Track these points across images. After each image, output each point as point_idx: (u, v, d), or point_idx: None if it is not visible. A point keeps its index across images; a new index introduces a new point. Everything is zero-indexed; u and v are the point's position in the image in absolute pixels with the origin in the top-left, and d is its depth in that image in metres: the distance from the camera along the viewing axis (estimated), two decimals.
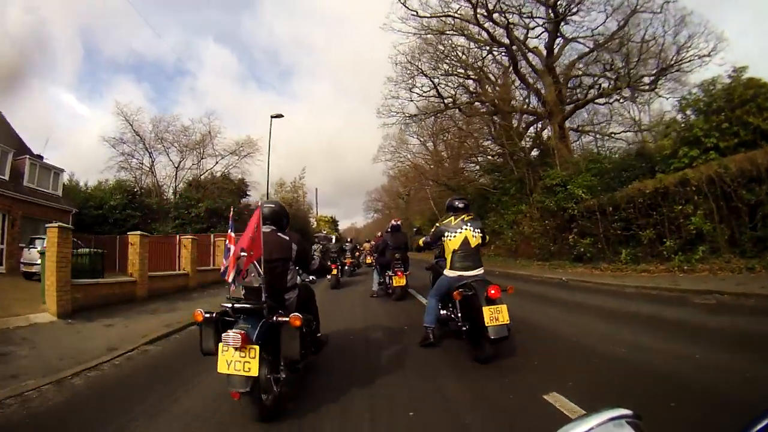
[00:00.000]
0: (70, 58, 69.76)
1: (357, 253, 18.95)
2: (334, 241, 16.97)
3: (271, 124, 22.07)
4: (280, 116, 22.38)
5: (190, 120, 32.47)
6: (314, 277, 4.43)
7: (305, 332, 3.44)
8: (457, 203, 5.05)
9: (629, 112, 23.95)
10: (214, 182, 26.69)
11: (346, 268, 15.70)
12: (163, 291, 11.49)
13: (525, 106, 23.99)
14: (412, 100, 24.46)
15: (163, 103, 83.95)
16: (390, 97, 24.69)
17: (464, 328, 4.58)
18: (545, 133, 24.21)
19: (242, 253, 3.06)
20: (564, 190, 16.79)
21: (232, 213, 3.97)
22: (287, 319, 3.15)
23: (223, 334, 2.90)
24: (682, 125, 14.54)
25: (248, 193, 29.48)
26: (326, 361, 4.67)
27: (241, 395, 2.89)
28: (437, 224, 5.12)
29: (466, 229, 4.75)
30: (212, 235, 19.32)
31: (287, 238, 3.66)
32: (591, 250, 15.12)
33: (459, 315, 4.72)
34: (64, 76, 65.26)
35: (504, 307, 4.14)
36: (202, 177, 28.57)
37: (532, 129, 25.57)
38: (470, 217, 4.92)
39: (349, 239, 20.75)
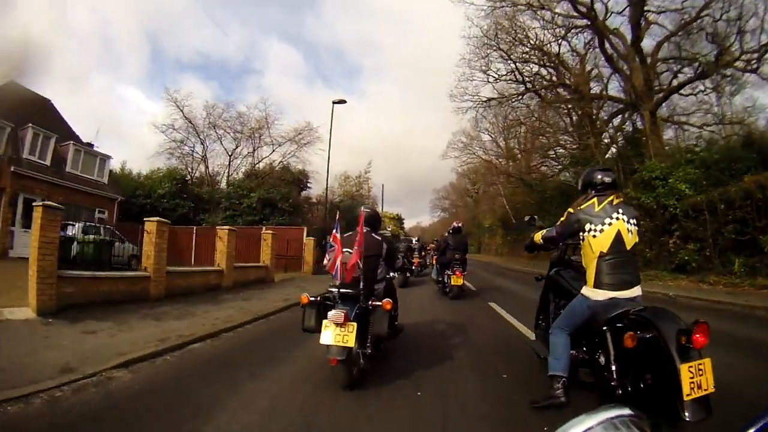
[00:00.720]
0: (137, 56, 74.12)
1: (423, 253, 18.34)
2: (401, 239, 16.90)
3: (333, 110, 20.90)
4: (342, 102, 21.16)
5: (246, 106, 31.15)
6: (395, 274, 4.77)
7: (393, 315, 4.14)
8: (602, 176, 3.20)
9: (716, 101, 20.54)
10: (271, 172, 25.86)
11: (414, 268, 15.23)
12: (186, 290, 9.66)
13: (605, 92, 21.46)
14: (489, 82, 22.65)
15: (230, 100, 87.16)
16: (464, 79, 23.05)
17: (619, 391, 2.61)
18: (630, 124, 21.63)
19: (345, 250, 3.78)
20: (664, 185, 14.56)
21: (338, 216, 4.22)
22: (380, 303, 3.74)
23: (329, 312, 3.45)
24: None
25: (309, 184, 28.01)
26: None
27: (338, 362, 3.39)
28: (570, 210, 3.18)
29: (618, 218, 2.98)
30: (263, 228, 18.46)
31: (379, 238, 4.27)
32: (696, 258, 12.97)
33: (613, 366, 2.72)
34: (131, 74, 69.37)
35: (708, 362, 2.35)
36: (258, 166, 27.81)
37: (616, 120, 23.07)
38: (620, 199, 3.11)
39: (416, 238, 20.19)
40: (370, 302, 3.81)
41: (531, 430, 2.89)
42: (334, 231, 3.86)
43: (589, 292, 2.97)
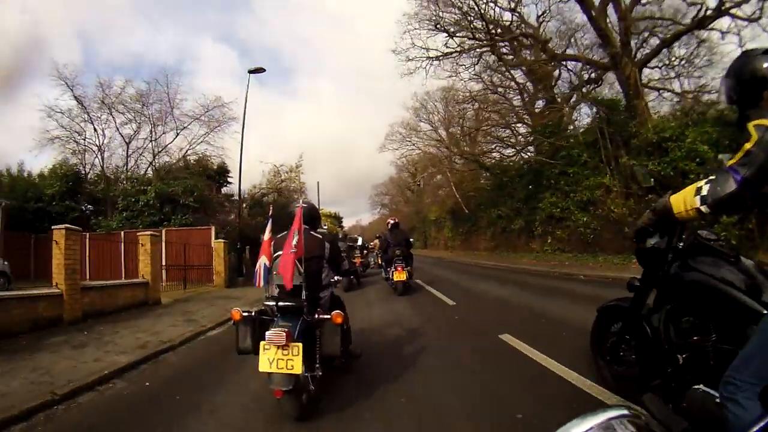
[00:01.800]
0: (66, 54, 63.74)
1: (366, 252, 16.07)
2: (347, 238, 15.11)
3: (249, 81, 16.38)
4: (260, 70, 16.54)
5: (146, 82, 23.11)
6: (340, 278, 4.13)
7: (344, 329, 3.45)
8: None
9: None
10: (179, 164, 20.69)
11: (357, 268, 13.67)
12: (108, 309, 8.15)
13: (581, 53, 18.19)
14: (439, 30, 18.38)
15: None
16: (411, 30, 18.92)
17: None
18: (608, 91, 18.51)
19: (277, 253, 3.34)
20: (680, 146, 11.29)
21: (270, 212, 3.95)
22: (329, 316, 3.19)
23: (266, 333, 2.92)
24: None
25: (229, 179, 22.58)
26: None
27: (283, 393, 2.88)
28: (758, 121, 1.57)
29: None
30: (163, 230, 14.18)
31: (320, 237, 3.72)
32: (736, 234, 10.10)
33: None
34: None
35: None
36: (162, 157, 22.20)
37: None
38: None
39: (357, 236, 18.24)
40: (316, 315, 3.23)
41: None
42: (266, 231, 3.46)
43: None
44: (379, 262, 13.17)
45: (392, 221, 11.12)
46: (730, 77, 1.88)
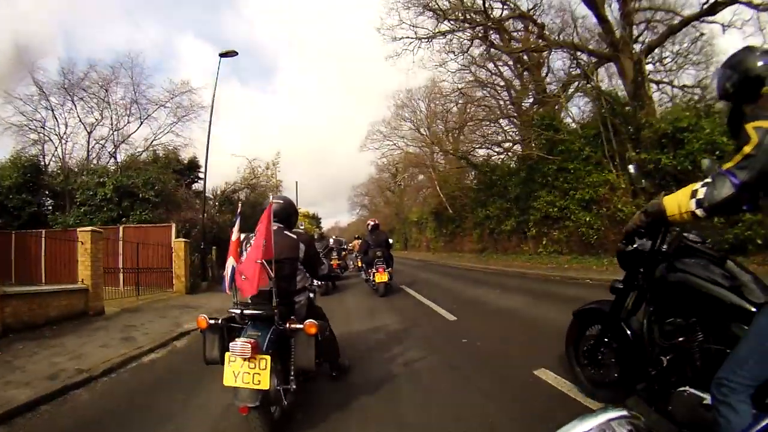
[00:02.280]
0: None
1: (344, 254, 15.58)
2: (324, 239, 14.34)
3: (219, 65, 14.57)
4: (232, 54, 14.82)
5: (110, 67, 20.70)
6: (320, 283, 3.96)
7: (320, 340, 3.10)
8: None
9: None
10: (152, 157, 18.72)
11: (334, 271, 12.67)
12: (38, 321, 6.70)
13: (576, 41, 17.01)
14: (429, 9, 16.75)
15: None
16: (396, 9, 17.36)
17: None
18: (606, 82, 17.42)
19: (245, 252, 3.01)
20: (697, 138, 10.22)
21: (239, 209, 3.34)
22: (301, 326, 2.88)
23: (230, 344, 2.65)
24: None
25: (200, 175, 19.57)
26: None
27: (249, 410, 2.66)
28: (757, 123, 1.59)
29: None
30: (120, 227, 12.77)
31: (295, 237, 3.37)
32: (762, 233, 8.81)
33: None
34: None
35: None
36: (120, 148, 20.09)
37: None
38: None
39: (334, 237, 17.42)
40: (288, 324, 2.94)
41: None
42: (234, 228, 3.02)
43: None
44: (359, 264, 12.62)
45: (372, 222, 11.13)
46: (729, 69, 1.86)
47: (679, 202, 1.77)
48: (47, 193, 17.88)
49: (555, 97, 16.91)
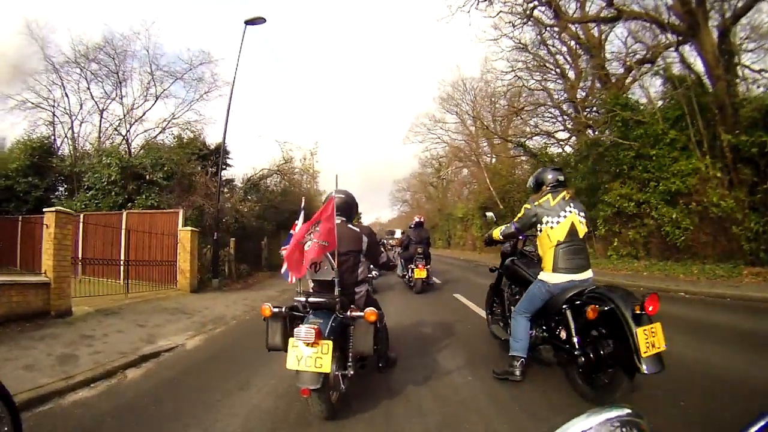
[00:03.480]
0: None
1: (383, 249, 12.61)
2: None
3: (244, 32, 12.76)
4: (259, 21, 12.89)
5: (122, 36, 19.46)
6: (378, 272, 4.51)
7: (378, 327, 3.31)
8: (554, 175, 3.74)
9: None
10: (176, 141, 17.28)
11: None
12: None
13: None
14: None
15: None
16: None
17: (582, 358, 3.14)
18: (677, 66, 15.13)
19: (310, 241, 3.08)
20: None
21: (302, 203, 3.68)
22: (362, 314, 3.13)
23: (295, 329, 2.86)
24: None
25: (229, 161, 18.64)
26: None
27: (310, 392, 2.84)
28: (527, 205, 3.69)
29: (571, 211, 3.53)
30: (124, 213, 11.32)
31: (358, 229, 3.59)
32: None
33: (575, 339, 3.22)
34: None
35: (659, 326, 2.88)
36: (135, 127, 18.87)
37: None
38: (570, 195, 3.67)
39: (400, 231, 18.30)
40: (349, 312, 3.19)
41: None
42: (297, 221, 3.35)
43: (548, 276, 3.49)
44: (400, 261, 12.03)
45: (418, 219, 11.14)
46: (531, 177, 3.98)
47: (497, 231, 4.01)
48: (58, 177, 16.99)
49: (623, 75, 14.90)
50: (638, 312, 2.85)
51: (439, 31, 69.71)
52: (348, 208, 3.64)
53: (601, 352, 3.03)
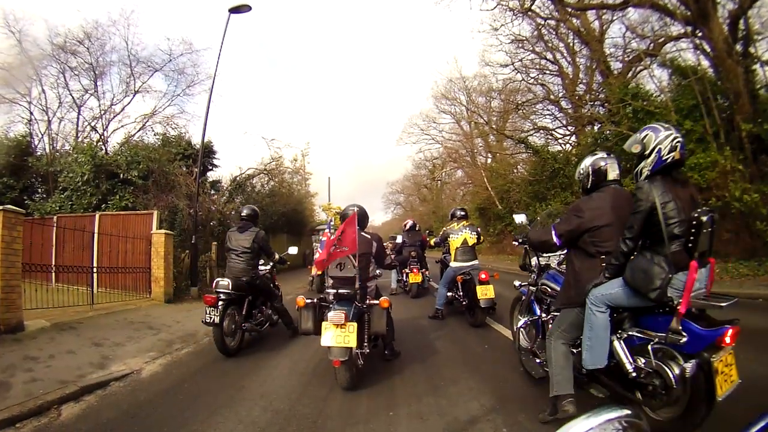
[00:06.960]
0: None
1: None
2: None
3: (228, 21, 11.95)
4: (244, 9, 11.97)
5: (98, 24, 18.53)
6: (380, 272, 4.90)
7: (389, 313, 4.40)
8: (458, 212, 7.36)
9: None
10: (160, 140, 16.56)
11: None
12: None
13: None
14: None
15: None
16: None
17: (464, 303, 6.82)
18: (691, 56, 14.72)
19: (336, 249, 3.92)
20: None
21: (331, 220, 4.98)
22: (378, 301, 4.15)
23: (328, 314, 3.78)
24: None
25: (215, 161, 17.93)
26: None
27: (341, 363, 3.70)
28: (444, 228, 7.46)
29: (464, 232, 6.96)
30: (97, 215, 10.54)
31: (369, 236, 4.58)
32: None
33: (461, 294, 6.93)
34: None
35: (491, 287, 6.26)
36: (113, 124, 18.32)
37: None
38: (468, 222, 7.26)
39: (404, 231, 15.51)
40: (367, 301, 4.22)
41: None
42: (326, 230, 4.19)
43: (452, 264, 6.97)
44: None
45: (410, 222, 11.36)
46: (451, 212, 7.67)
47: (432, 240, 9.75)
48: (35, 177, 16.34)
49: (628, 68, 14.48)
50: (479, 279, 6.31)
51: (437, 30, 69.58)
52: (362, 219, 4.57)
53: (465, 300, 6.98)
